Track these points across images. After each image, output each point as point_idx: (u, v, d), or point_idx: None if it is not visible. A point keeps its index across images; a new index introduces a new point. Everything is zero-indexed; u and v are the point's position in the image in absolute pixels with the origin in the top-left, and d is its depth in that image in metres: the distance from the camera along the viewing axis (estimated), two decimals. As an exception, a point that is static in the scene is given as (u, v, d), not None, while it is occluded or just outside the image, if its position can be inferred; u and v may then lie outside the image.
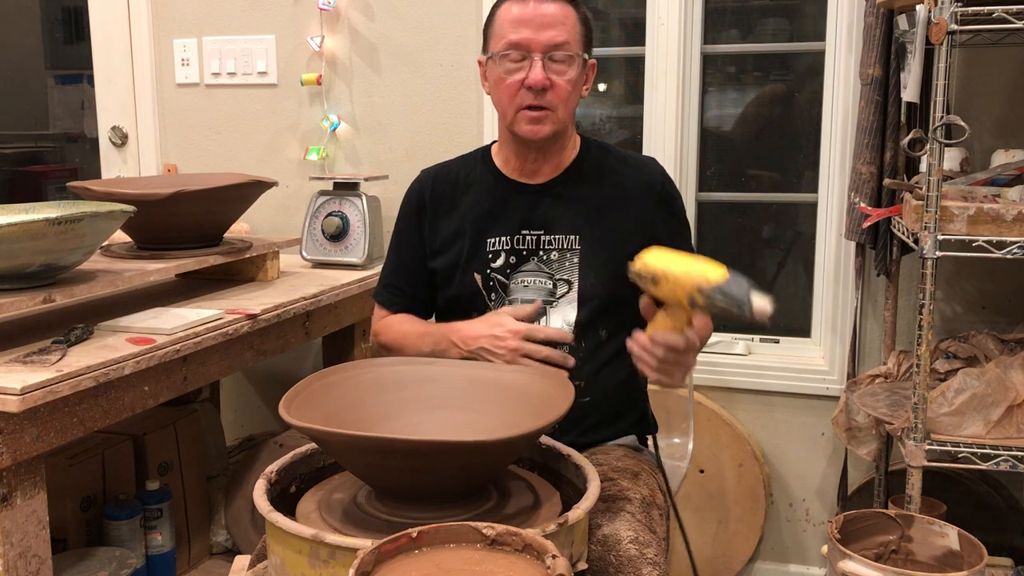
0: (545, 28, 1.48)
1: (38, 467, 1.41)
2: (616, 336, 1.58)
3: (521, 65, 1.49)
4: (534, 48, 1.48)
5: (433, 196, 1.64)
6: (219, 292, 2.00)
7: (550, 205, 1.58)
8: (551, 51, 1.48)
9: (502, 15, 1.52)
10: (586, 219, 1.57)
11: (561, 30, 1.49)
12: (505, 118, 1.54)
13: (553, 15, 1.49)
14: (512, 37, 1.49)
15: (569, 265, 1.56)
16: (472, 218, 1.60)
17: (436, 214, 1.63)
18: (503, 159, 1.63)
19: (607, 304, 1.55)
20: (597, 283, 1.55)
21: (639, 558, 1.28)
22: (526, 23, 1.48)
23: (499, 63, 1.51)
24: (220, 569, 2.34)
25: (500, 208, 1.59)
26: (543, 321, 1.54)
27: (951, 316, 2.22)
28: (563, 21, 1.49)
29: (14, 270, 1.51)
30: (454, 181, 1.65)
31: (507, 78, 1.50)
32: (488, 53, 1.55)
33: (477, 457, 1.10)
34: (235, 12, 2.69)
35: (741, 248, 2.54)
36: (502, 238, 1.58)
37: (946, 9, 1.59)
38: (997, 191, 1.80)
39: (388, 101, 2.58)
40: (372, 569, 0.87)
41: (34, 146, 3.90)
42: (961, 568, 1.41)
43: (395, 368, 1.34)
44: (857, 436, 2.14)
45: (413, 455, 1.06)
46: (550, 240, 1.57)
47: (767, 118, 2.50)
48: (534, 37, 1.48)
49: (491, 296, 1.57)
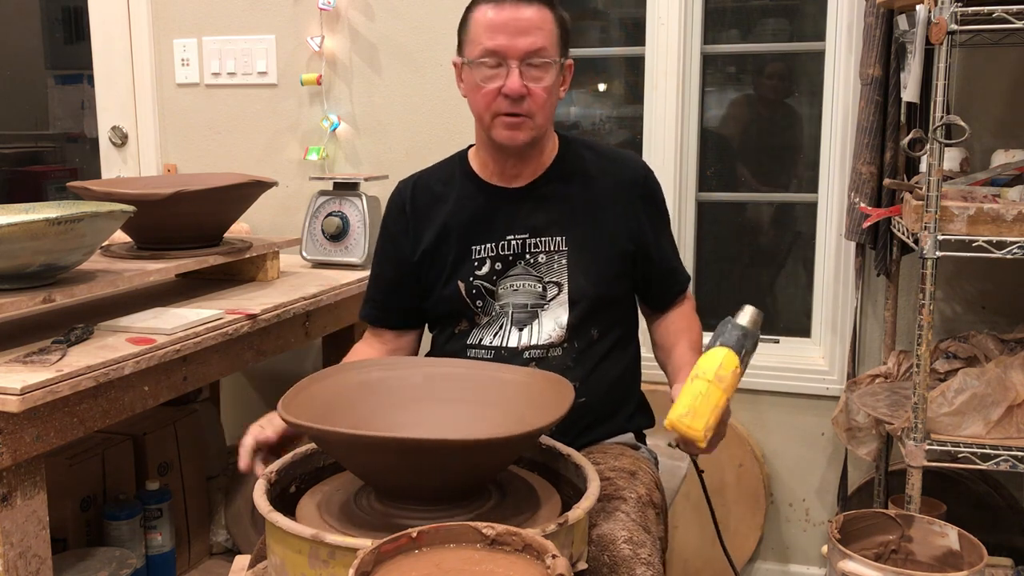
0: (521, 34, 1.44)
1: (38, 467, 1.41)
2: (607, 334, 1.58)
3: (497, 72, 1.45)
4: (511, 55, 1.44)
5: (414, 207, 1.61)
6: (219, 292, 2.00)
7: (533, 208, 1.56)
8: (528, 58, 1.45)
9: (477, 19, 1.47)
10: (571, 219, 1.56)
11: (538, 36, 1.45)
12: (482, 123, 1.52)
13: (529, 20, 1.44)
14: (488, 44, 1.45)
15: (558, 267, 1.55)
16: (455, 226, 1.57)
17: (418, 225, 1.60)
18: (481, 163, 1.60)
19: (597, 304, 1.55)
20: (587, 283, 1.54)
21: (633, 558, 1.28)
22: (502, 29, 1.44)
23: (475, 69, 1.47)
24: (220, 569, 2.34)
25: (483, 214, 1.57)
26: (535, 325, 1.53)
27: (951, 316, 2.22)
28: (540, 26, 1.45)
29: (14, 270, 1.51)
30: (433, 189, 1.62)
31: (484, 85, 1.47)
32: (463, 57, 1.51)
33: (477, 456, 1.10)
34: (235, 12, 2.69)
35: (741, 248, 2.54)
36: (487, 245, 1.56)
37: (946, 9, 1.59)
38: (997, 191, 1.80)
39: (388, 101, 2.58)
40: (372, 569, 0.87)
41: (34, 146, 3.90)
42: (961, 568, 1.41)
43: (395, 368, 1.34)
44: (857, 436, 2.14)
45: (413, 454, 1.06)
46: (536, 243, 1.55)
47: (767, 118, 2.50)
48: (510, 44, 1.44)
49: (476, 303, 1.55)
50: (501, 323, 1.55)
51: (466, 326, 1.57)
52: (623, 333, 1.62)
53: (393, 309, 1.65)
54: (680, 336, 1.60)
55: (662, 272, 1.63)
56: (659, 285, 1.64)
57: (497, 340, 1.54)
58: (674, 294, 1.66)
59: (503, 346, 1.53)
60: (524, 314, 1.54)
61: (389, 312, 1.65)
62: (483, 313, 1.56)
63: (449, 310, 1.58)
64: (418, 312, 1.65)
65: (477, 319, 1.56)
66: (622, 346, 1.62)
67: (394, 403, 1.28)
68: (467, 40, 1.50)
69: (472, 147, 1.64)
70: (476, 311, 1.56)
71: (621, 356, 1.62)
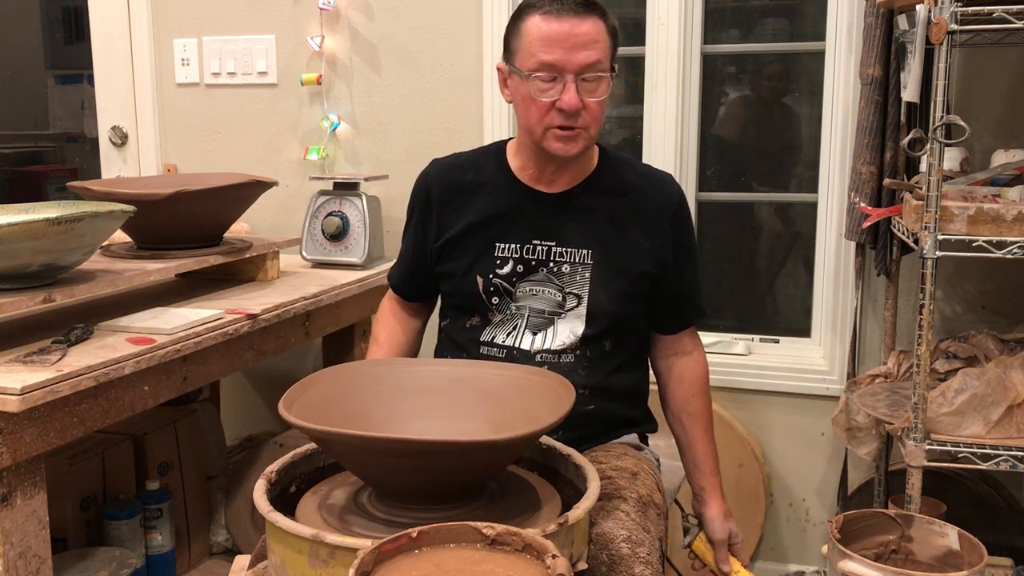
0: (579, 49, 1.41)
1: (38, 467, 1.41)
2: (621, 347, 1.58)
3: (552, 85, 1.42)
4: (567, 70, 1.41)
5: (442, 191, 1.61)
6: (219, 292, 2.00)
7: (563, 216, 1.55)
8: (584, 72, 1.42)
9: (532, 30, 1.43)
10: (599, 234, 1.55)
11: (594, 49, 1.42)
12: (533, 134, 1.48)
13: (586, 34, 1.41)
14: (544, 57, 1.41)
15: (580, 279, 1.54)
16: (482, 220, 1.57)
17: (444, 209, 1.60)
18: (520, 164, 1.58)
19: (614, 320, 1.55)
20: (607, 299, 1.53)
21: (631, 557, 1.29)
22: (559, 43, 1.40)
23: (529, 82, 1.43)
24: (220, 569, 2.34)
25: (512, 214, 1.56)
26: (550, 331, 1.54)
27: (951, 316, 2.22)
28: (596, 39, 1.43)
29: (14, 270, 1.51)
30: (465, 177, 1.61)
31: (538, 98, 1.44)
32: (514, 66, 1.47)
33: (478, 456, 1.10)
34: (235, 12, 2.69)
35: (741, 248, 2.54)
36: (512, 245, 1.55)
37: (946, 9, 1.59)
38: (997, 191, 1.80)
39: (388, 101, 2.58)
40: (372, 569, 0.87)
41: (34, 146, 3.90)
42: (961, 568, 1.41)
43: (395, 368, 1.34)
44: (857, 436, 2.14)
45: (414, 454, 1.06)
46: (561, 252, 1.54)
47: (767, 118, 2.50)
48: (568, 58, 1.41)
49: (492, 300, 1.55)
50: (516, 324, 1.55)
51: (478, 321, 1.57)
52: (637, 349, 1.63)
53: (414, 284, 1.70)
54: (689, 402, 1.64)
55: (670, 299, 1.61)
56: (664, 312, 1.63)
57: (510, 340, 1.54)
58: (676, 326, 1.65)
59: (516, 347, 1.53)
60: (540, 319, 1.54)
61: (410, 285, 1.71)
62: (497, 311, 1.56)
63: (463, 302, 1.58)
64: (427, 293, 1.71)
65: (491, 316, 1.56)
66: (634, 362, 1.62)
67: (395, 403, 1.28)
68: (519, 49, 1.46)
69: (511, 141, 1.63)
70: (491, 308, 1.56)
71: (632, 371, 1.62)
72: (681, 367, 1.64)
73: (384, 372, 1.32)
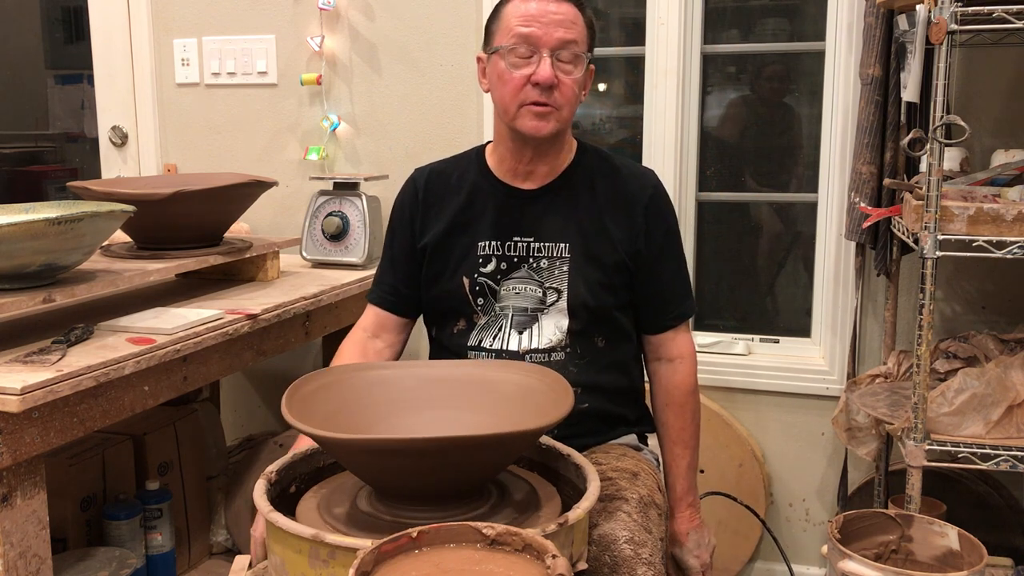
0: (555, 26, 1.46)
1: (38, 467, 1.41)
2: (614, 344, 1.58)
3: (528, 60, 1.47)
4: (544, 44, 1.46)
5: (426, 196, 1.62)
6: (219, 292, 2.00)
7: (541, 211, 1.57)
8: (560, 49, 1.47)
9: (510, 11, 1.49)
10: (577, 227, 1.56)
11: (571, 29, 1.48)
12: (507, 114, 1.51)
13: (564, 14, 1.47)
14: (522, 30, 1.46)
15: (559, 273, 1.55)
16: (463, 221, 1.58)
17: (428, 214, 1.61)
18: (497, 159, 1.61)
19: (596, 313, 1.54)
20: (586, 292, 1.53)
21: (634, 558, 1.29)
22: (536, 19, 1.46)
23: (505, 57, 1.48)
24: (220, 569, 2.34)
25: (492, 212, 1.57)
26: (535, 329, 1.54)
27: (951, 316, 2.22)
28: (573, 21, 1.48)
29: (14, 270, 1.51)
30: (447, 182, 1.62)
31: (512, 72, 1.47)
32: (492, 47, 1.52)
33: (478, 454, 1.10)
34: (235, 12, 2.69)
35: (741, 248, 2.54)
36: (493, 243, 1.56)
37: (946, 9, 1.59)
38: (997, 191, 1.80)
39: (388, 101, 2.58)
40: (372, 569, 0.87)
41: (34, 146, 3.90)
42: (961, 568, 1.41)
43: (395, 368, 1.34)
44: (857, 436, 2.14)
45: (414, 455, 1.06)
46: (540, 247, 1.55)
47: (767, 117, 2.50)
48: (544, 32, 1.46)
49: (477, 301, 1.56)
50: (500, 325, 1.55)
51: (464, 325, 1.57)
52: (630, 347, 1.62)
53: (401, 293, 1.65)
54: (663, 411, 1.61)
55: (650, 296, 1.60)
56: (644, 309, 1.61)
57: (497, 343, 1.54)
58: (657, 326, 1.62)
59: (504, 349, 1.53)
60: (524, 317, 1.54)
61: (395, 295, 1.65)
62: (482, 312, 1.55)
63: (449, 306, 1.58)
64: (418, 304, 1.66)
65: (475, 318, 1.56)
66: (628, 360, 1.62)
67: (394, 404, 1.28)
68: (497, 30, 1.51)
69: (490, 143, 1.65)
70: (476, 309, 1.56)
71: (626, 369, 1.61)
72: (661, 374, 1.63)
73: (383, 372, 1.32)
